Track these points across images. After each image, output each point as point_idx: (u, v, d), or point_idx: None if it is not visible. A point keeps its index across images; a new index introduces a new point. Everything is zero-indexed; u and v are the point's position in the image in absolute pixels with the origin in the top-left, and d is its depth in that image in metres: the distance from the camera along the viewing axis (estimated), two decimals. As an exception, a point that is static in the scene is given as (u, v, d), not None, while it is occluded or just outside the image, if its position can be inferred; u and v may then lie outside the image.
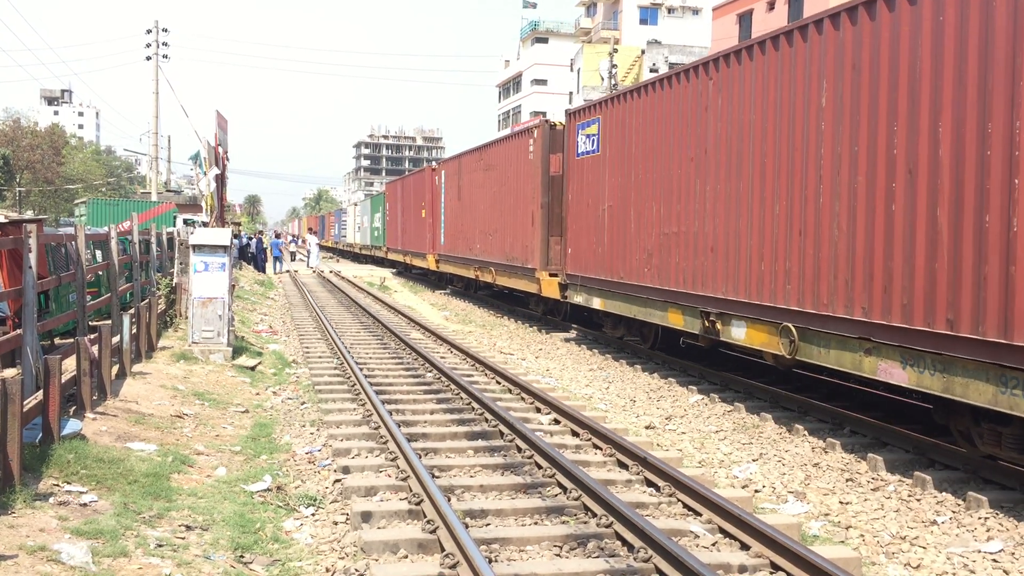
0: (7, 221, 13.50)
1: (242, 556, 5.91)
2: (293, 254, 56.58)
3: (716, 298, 11.64)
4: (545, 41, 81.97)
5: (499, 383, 12.39)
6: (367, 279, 35.43)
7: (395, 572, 5.80)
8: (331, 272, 40.85)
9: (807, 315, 9.69)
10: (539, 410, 10.70)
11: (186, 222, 32.16)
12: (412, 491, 7.22)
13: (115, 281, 12.94)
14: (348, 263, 54.38)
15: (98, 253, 16.16)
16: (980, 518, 7.32)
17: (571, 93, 66.68)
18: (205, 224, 18.70)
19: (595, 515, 6.74)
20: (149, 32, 49.73)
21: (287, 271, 42.85)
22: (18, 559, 5.07)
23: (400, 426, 9.26)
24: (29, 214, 59.52)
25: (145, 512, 6.32)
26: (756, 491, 8.04)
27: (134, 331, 11.67)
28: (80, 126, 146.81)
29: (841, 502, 7.76)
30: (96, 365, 9.05)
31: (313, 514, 7.01)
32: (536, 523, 6.79)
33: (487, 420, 9.89)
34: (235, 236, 23.10)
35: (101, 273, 14.24)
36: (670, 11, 69.92)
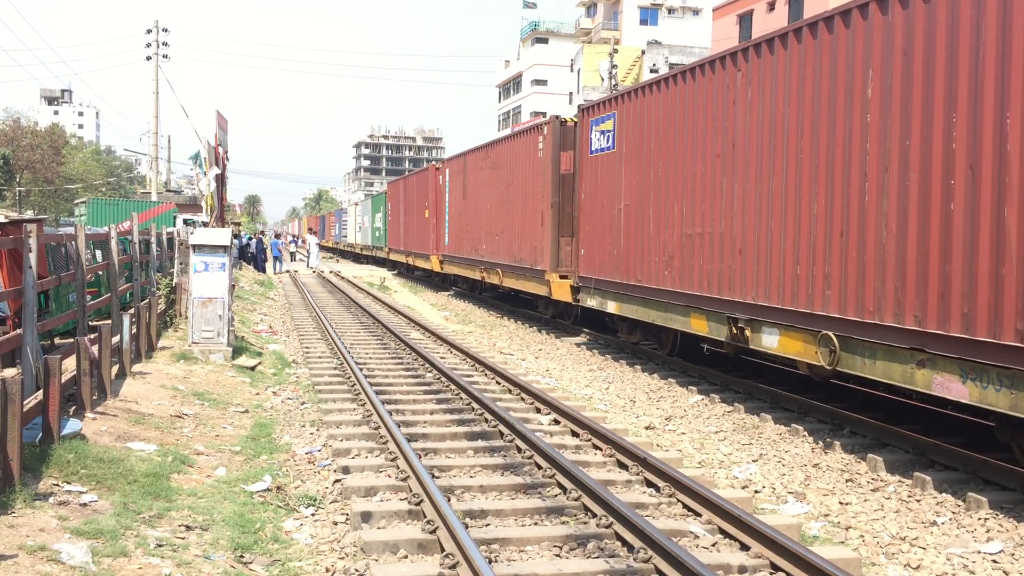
0: (7, 221, 13.52)
1: (242, 556, 5.92)
2: (293, 254, 56.64)
3: (745, 303, 10.94)
4: (545, 41, 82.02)
5: (499, 383, 12.40)
6: (367, 279, 35.46)
7: (395, 572, 5.80)
8: (331, 272, 40.87)
9: (850, 323, 9.01)
10: (539, 410, 10.70)
11: (186, 222, 32.19)
12: (412, 491, 7.22)
13: (115, 281, 12.94)
14: (348, 263, 54.38)
15: (98, 253, 16.16)
16: (980, 519, 7.32)
17: (571, 93, 66.75)
18: (205, 224, 18.73)
19: (595, 515, 6.74)
20: (149, 32, 49.81)
21: (287, 271, 42.88)
22: (18, 559, 5.07)
23: (400, 426, 9.27)
24: (29, 214, 59.54)
25: (145, 512, 6.32)
26: (756, 492, 8.04)
27: (134, 331, 11.68)
28: (80, 126, 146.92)
29: (841, 503, 7.76)
30: (96, 365, 9.05)
31: (313, 514, 7.01)
32: (536, 523, 6.79)
33: (487, 420, 9.89)
34: (235, 236, 23.11)
35: (101, 273, 14.24)
36: (670, 12, 69.98)
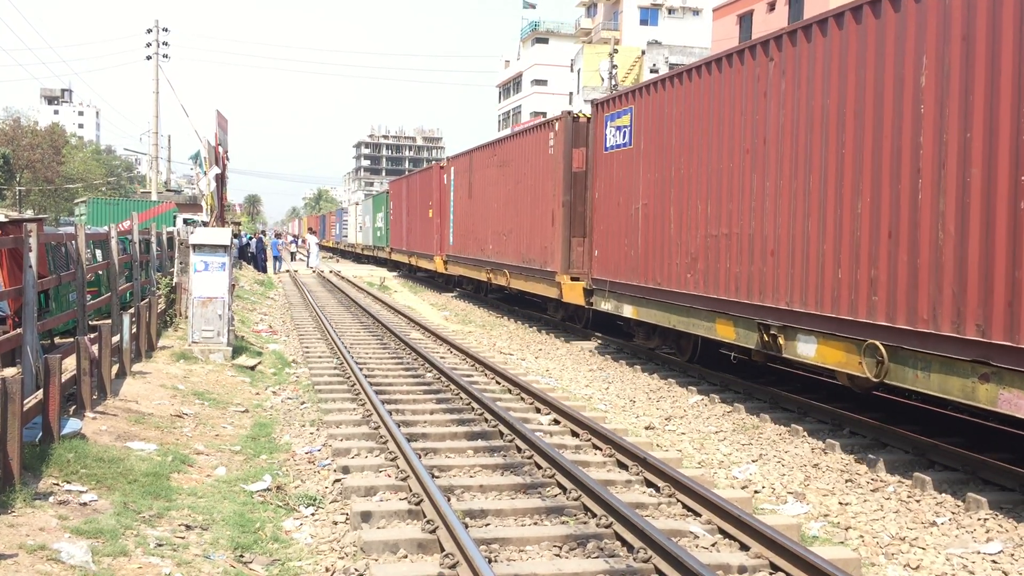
0: (7, 220, 13.53)
1: (242, 556, 5.92)
2: (293, 254, 56.69)
3: (778, 309, 10.24)
4: (545, 41, 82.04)
5: (499, 383, 12.40)
6: (367, 279, 35.47)
7: (395, 572, 5.80)
8: (331, 272, 40.87)
9: (900, 332, 8.31)
10: (539, 410, 10.70)
11: (186, 222, 32.22)
12: (412, 491, 7.22)
13: (115, 280, 12.95)
14: (349, 263, 54.39)
15: (98, 252, 16.16)
16: (979, 519, 7.32)
17: (571, 93, 66.76)
18: (205, 224, 18.74)
19: (595, 515, 6.74)
20: (149, 32, 49.86)
21: (287, 271, 42.90)
22: (18, 558, 5.07)
23: (400, 426, 9.27)
24: (29, 213, 59.63)
25: (145, 511, 6.32)
26: (756, 492, 8.05)
27: (134, 331, 11.68)
28: (80, 125, 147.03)
29: (841, 503, 7.76)
30: (96, 364, 9.05)
31: (313, 514, 7.01)
32: (536, 523, 6.79)
33: (487, 420, 9.89)
34: (235, 236, 23.10)
35: (101, 272, 14.24)
36: (670, 12, 70.01)
